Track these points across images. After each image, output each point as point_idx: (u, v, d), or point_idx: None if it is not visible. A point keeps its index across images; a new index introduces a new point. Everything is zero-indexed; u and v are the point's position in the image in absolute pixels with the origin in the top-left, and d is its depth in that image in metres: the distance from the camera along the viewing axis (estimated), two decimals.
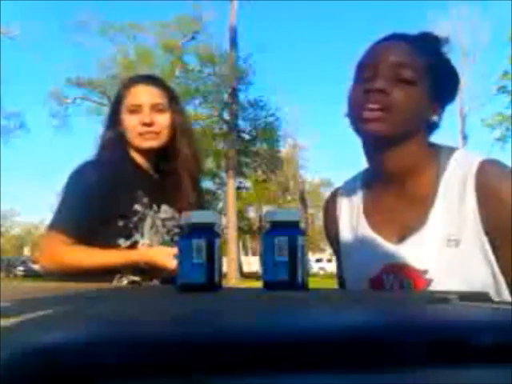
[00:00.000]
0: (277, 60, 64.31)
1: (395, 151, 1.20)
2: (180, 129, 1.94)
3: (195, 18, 26.04)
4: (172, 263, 1.65)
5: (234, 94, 25.51)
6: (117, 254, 1.76)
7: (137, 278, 1.79)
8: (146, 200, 1.85)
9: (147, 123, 1.86)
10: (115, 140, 1.92)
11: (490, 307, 0.64)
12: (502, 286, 1.16)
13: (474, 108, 28.79)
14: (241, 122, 27.22)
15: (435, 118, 1.22)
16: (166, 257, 1.71)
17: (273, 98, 50.60)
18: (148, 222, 1.85)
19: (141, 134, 1.86)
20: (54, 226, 1.77)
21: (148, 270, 1.77)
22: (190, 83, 25.49)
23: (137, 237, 1.82)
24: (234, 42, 25.79)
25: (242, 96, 26.86)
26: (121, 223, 1.79)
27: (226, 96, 26.14)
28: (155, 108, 1.88)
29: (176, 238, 1.88)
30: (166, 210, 1.91)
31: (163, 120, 1.89)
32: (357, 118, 1.19)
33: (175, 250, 1.70)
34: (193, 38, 26.71)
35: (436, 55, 1.23)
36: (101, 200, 1.76)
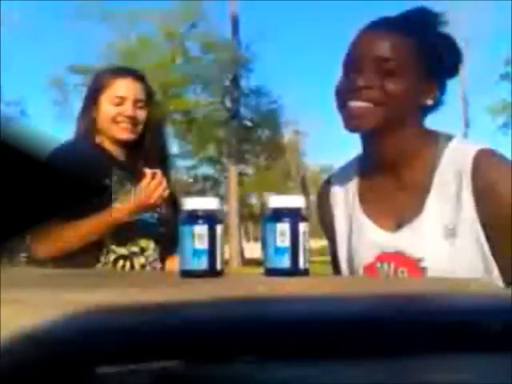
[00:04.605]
0: (279, 46, 64.04)
1: (388, 140, 1.19)
2: (153, 123, 2.06)
3: (196, 4, 25.88)
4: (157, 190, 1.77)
5: (235, 81, 25.44)
6: (98, 217, 1.80)
7: (124, 251, 1.82)
8: (116, 178, 1.92)
9: (130, 116, 1.95)
10: (89, 125, 2.00)
11: (483, 294, 0.64)
12: (494, 277, 1.16)
13: (476, 94, 28.68)
14: (242, 109, 27.16)
15: (429, 101, 1.21)
16: (150, 189, 1.81)
17: (275, 85, 50.49)
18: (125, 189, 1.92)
19: (119, 126, 1.94)
20: None
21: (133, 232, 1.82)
22: (191, 70, 25.39)
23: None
24: (235, 29, 25.67)
25: (243, 83, 26.80)
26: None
27: (227, 83, 26.06)
28: (137, 103, 1.98)
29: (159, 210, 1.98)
30: None
31: (142, 115, 1.99)
32: (343, 115, 1.19)
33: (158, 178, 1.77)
34: (194, 24, 26.57)
35: (425, 35, 1.19)
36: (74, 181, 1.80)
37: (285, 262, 0.93)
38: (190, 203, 0.99)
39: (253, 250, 34.77)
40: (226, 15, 26.68)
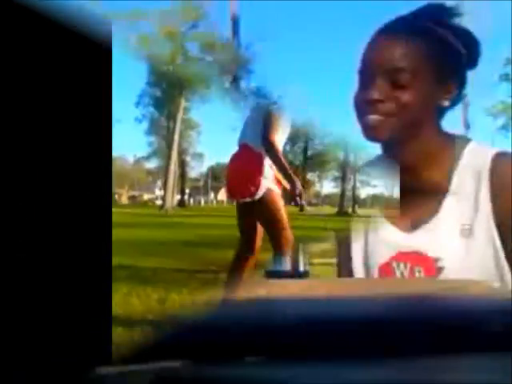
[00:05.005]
0: (279, 47, 64.01)
1: (406, 145, 1.19)
2: None
3: (197, 4, 25.87)
4: None
5: (235, 82, 25.44)
6: None
7: None
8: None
9: None
10: None
11: (496, 296, 0.64)
12: (507, 280, 1.16)
13: (476, 96, 28.58)
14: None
15: (447, 102, 1.19)
16: None
17: (275, 86, 50.51)
18: None
19: None
20: None
21: None
22: (191, 71, 25.38)
23: None
24: (235, 29, 25.69)
25: (243, 84, 26.79)
26: None
27: (227, 84, 26.05)
28: None
29: None
30: None
31: None
32: (361, 125, 1.18)
33: None
34: (194, 25, 26.55)
35: (439, 33, 1.17)
36: None
37: (285, 265, 0.93)
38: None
39: None
40: (226, 15, 26.67)
